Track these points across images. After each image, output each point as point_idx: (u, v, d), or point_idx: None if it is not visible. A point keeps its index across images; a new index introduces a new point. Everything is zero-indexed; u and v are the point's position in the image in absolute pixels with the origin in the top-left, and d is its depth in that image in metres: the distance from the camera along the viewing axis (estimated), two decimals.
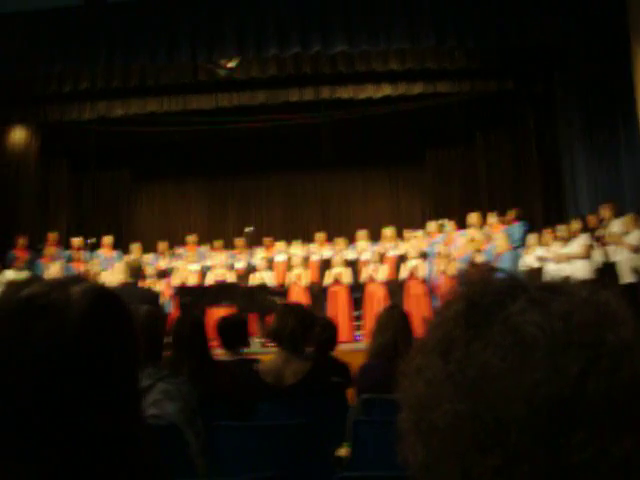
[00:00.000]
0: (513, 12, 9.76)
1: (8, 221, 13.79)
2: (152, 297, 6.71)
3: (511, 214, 12.97)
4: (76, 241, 14.17)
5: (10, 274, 11.58)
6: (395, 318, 4.03)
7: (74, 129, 14.45)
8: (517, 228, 12.61)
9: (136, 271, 6.89)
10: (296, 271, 12.64)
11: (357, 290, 12.88)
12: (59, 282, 1.01)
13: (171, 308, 12.80)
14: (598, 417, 0.53)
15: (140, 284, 12.32)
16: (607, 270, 9.67)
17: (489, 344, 0.57)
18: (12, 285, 1.01)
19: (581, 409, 0.53)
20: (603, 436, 0.53)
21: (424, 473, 0.60)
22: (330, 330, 5.08)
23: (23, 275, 11.50)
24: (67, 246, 14.58)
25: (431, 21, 9.84)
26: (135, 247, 14.43)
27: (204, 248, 14.82)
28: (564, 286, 0.61)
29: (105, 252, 14.30)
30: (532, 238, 11.32)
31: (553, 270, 10.18)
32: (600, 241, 10.03)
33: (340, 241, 13.65)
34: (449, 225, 12.89)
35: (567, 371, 0.54)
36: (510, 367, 0.56)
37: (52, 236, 14.16)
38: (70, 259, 13.77)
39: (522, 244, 12.21)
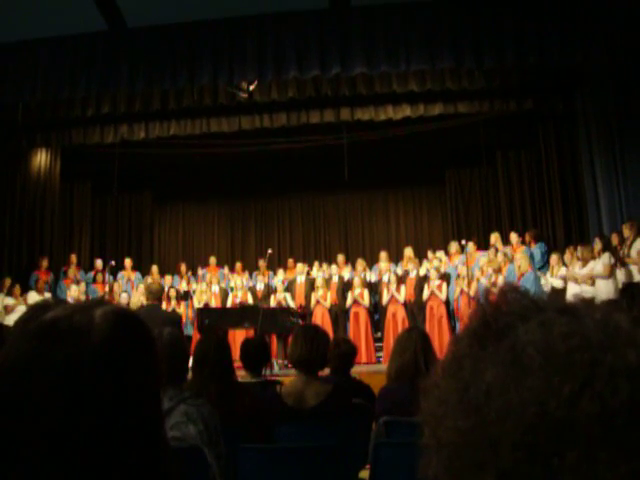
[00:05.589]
0: (532, 31, 9.77)
1: (32, 243, 13.93)
2: (174, 319, 6.70)
3: (530, 234, 12.92)
4: (98, 263, 14.30)
5: (33, 296, 11.69)
6: (414, 339, 4.00)
7: (97, 152, 14.59)
8: (536, 249, 12.55)
9: (156, 293, 6.90)
10: (320, 292, 12.63)
11: (378, 311, 12.86)
12: (81, 305, 1.02)
13: (192, 330, 12.85)
14: (592, 439, 0.52)
15: (161, 306, 12.44)
16: (631, 290, 9.58)
17: (491, 363, 0.58)
18: (35, 308, 1.02)
19: (574, 430, 0.53)
20: (597, 459, 0.52)
21: None
22: (347, 348, 5.06)
23: (45, 297, 11.61)
24: (89, 268, 14.72)
25: (450, 42, 9.86)
26: (153, 268, 14.56)
27: (225, 269, 14.88)
28: (581, 307, 0.61)
29: (126, 274, 14.42)
30: (554, 258, 11.24)
31: (576, 291, 10.10)
32: (622, 260, 9.95)
33: (360, 262, 13.64)
34: (470, 245, 12.84)
35: (560, 391, 0.54)
36: (504, 385, 0.56)
37: (73, 258, 14.30)
38: (92, 281, 13.88)
39: (542, 265, 12.15)
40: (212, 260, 15.22)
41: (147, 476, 0.96)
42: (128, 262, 14.70)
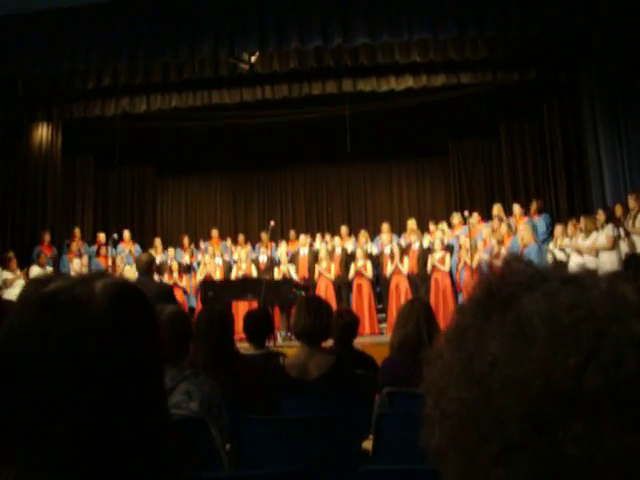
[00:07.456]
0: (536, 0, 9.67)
1: (34, 217, 13.93)
2: (166, 291, 6.61)
3: (534, 205, 12.86)
4: (101, 236, 14.29)
5: (36, 269, 11.70)
6: (417, 310, 4.01)
7: (98, 125, 14.55)
8: (541, 221, 12.49)
9: (146, 264, 6.80)
10: (323, 264, 12.64)
11: (381, 283, 12.87)
12: (83, 278, 1.02)
13: (196, 302, 12.89)
14: (597, 411, 0.52)
15: (161, 279, 12.47)
16: (634, 261, 9.58)
17: (496, 334, 0.58)
18: (35, 281, 1.02)
19: (580, 402, 0.52)
20: (602, 431, 0.51)
21: (439, 458, 0.61)
22: (350, 319, 5.08)
23: (47, 270, 11.63)
24: (92, 242, 14.73)
25: (453, 11, 9.77)
26: (157, 241, 14.54)
27: (228, 242, 14.88)
28: (585, 277, 0.61)
29: (126, 246, 14.38)
30: (559, 229, 11.21)
31: (579, 262, 10.08)
32: (626, 231, 9.93)
33: (363, 234, 13.63)
34: (473, 217, 12.81)
35: (566, 362, 0.53)
36: (510, 357, 0.56)
37: (77, 232, 14.30)
38: (95, 254, 13.90)
39: (547, 237, 12.12)
40: (214, 233, 15.21)
41: (149, 447, 0.96)
42: (127, 234, 14.62)
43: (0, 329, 0.98)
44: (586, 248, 10.14)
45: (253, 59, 11.69)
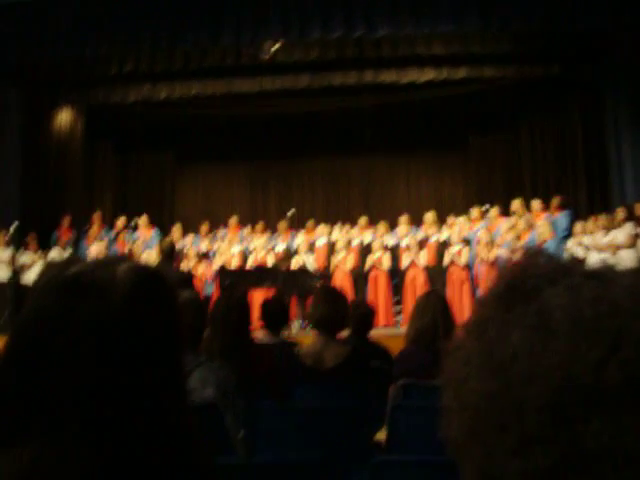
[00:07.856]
0: None
1: (54, 202, 14.00)
2: (184, 278, 6.65)
3: (555, 201, 12.77)
4: (119, 221, 14.30)
5: (55, 253, 11.76)
6: (433, 303, 4.01)
7: (119, 111, 14.59)
8: (563, 218, 12.38)
9: (166, 250, 6.84)
10: (340, 255, 12.63)
11: (397, 275, 12.83)
12: (104, 261, 1.02)
13: (213, 290, 12.90)
14: (618, 407, 0.52)
15: (178, 265, 12.50)
16: None
17: (517, 326, 0.58)
18: (55, 264, 1.03)
19: (600, 396, 0.52)
20: (622, 426, 0.51)
21: (457, 450, 0.61)
22: (366, 311, 5.09)
23: (66, 254, 11.68)
24: (111, 227, 14.76)
25: (476, 4, 9.71)
26: (176, 228, 14.50)
27: (246, 230, 14.87)
28: (608, 273, 0.61)
29: (142, 232, 14.31)
30: (578, 226, 11.15)
31: (597, 259, 10.03)
32: None
33: (381, 226, 13.59)
34: (492, 211, 12.76)
35: (587, 356, 0.53)
36: (531, 349, 0.56)
37: (96, 216, 14.33)
38: (113, 239, 13.93)
39: (568, 234, 12.03)
40: (232, 221, 15.19)
41: (169, 429, 0.97)
42: (145, 220, 14.41)
43: (23, 311, 0.99)
44: (605, 245, 10.08)
45: (275, 47, 11.67)
